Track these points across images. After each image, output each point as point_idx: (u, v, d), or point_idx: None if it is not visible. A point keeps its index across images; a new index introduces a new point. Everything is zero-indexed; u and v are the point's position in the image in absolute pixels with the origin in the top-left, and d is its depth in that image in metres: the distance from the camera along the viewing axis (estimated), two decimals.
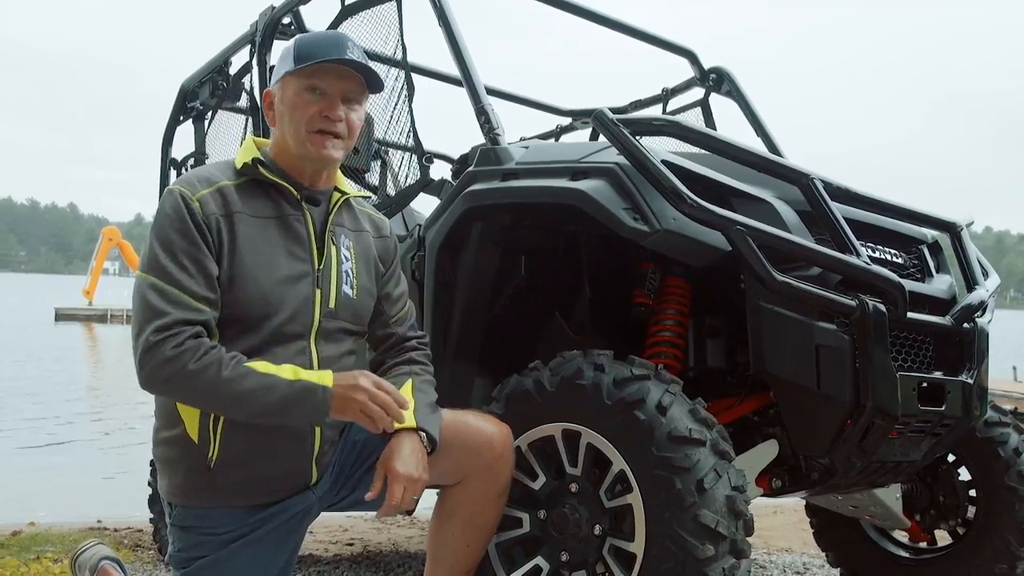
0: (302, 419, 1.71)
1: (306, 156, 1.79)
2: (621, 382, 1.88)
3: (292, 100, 1.77)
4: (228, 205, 1.73)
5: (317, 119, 1.76)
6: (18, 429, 8.19)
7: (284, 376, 1.65)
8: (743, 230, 1.91)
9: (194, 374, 1.60)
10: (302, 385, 1.66)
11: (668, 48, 3.69)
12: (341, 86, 1.78)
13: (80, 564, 2.31)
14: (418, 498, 1.80)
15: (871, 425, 2.01)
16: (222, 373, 1.61)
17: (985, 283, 2.43)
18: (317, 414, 1.68)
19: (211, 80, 3.84)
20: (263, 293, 1.72)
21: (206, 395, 1.63)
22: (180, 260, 1.66)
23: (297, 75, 1.76)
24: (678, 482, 1.76)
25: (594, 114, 2.03)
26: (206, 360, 1.61)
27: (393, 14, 2.85)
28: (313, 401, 1.66)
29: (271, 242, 1.76)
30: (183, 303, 1.64)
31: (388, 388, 1.70)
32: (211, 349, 1.63)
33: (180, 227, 1.68)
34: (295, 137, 1.78)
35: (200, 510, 1.78)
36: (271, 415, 1.66)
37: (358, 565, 3.47)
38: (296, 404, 1.65)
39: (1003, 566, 2.57)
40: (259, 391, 1.62)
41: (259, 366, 1.65)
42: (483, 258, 2.35)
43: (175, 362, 1.60)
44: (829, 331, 1.98)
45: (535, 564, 2.00)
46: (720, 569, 1.74)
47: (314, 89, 1.76)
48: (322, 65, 1.74)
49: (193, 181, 1.75)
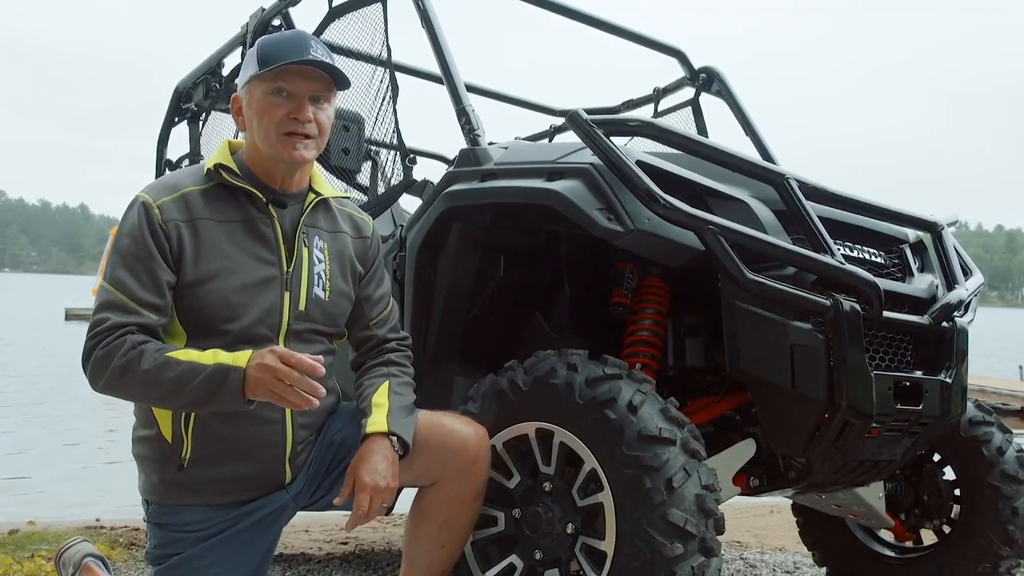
0: (226, 404, 1.64)
1: (278, 158, 1.80)
2: (593, 381, 1.89)
3: (260, 104, 1.78)
4: (191, 211, 1.75)
5: (286, 121, 1.77)
6: (21, 428, 8.25)
7: (204, 361, 1.63)
8: (715, 229, 1.91)
9: (121, 370, 1.62)
10: (216, 368, 1.61)
11: (658, 48, 3.70)
12: (308, 86, 1.78)
13: (64, 561, 2.34)
14: (392, 504, 1.81)
15: (846, 424, 2.01)
16: (142, 366, 1.61)
17: (966, 283, 2.43)
18: (234, 397, 1.61)
19: (205, 81, 3.88)
20: (226, 297, 1.73)
21: (138, 389, 1.65)
22: (130, 265, 1.69)
23: (262, 78, 1.77)
24: (647, 481, 1.77)
25: (569, 115, 2.04)
26: (130, 355, 1.62)
27: (379, 15, 2.87)
28: (227, 384, 1.60)
29: (237, 246, 1.78)
30: (124, 307, 1.67)
31: (295, 361, 1.57)
32: (138, 344, 1.64)
33: (135, 234, 1.71)
34: (265, 140, 1.79)
35: (175, 508, 1.81)
36: (200, 402, 1.64)
37: (348, 564, 3.49)
38: (215, 388, 1.61)
39: (986, 565, 2.56)
40: (181, 379, 1.61)
41: (181, 354, 1.64)
42: (463, 258, 2.36)
43: (104, 362, 1.63)
44: (804, 330, 1.98)
45: (510, 562, 2.01)
46: (689, 567, 1.74)
47: (281, 91, 1.77)
48: (287, 66, 1.75)
49: (158, 187, 1.78)
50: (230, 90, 3.76)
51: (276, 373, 1.56)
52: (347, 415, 1.95)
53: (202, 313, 1.72)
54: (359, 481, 1.71)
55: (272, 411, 1.79)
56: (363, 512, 1.71)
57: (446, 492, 1.88)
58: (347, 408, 1.98)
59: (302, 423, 1.85)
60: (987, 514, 2.59)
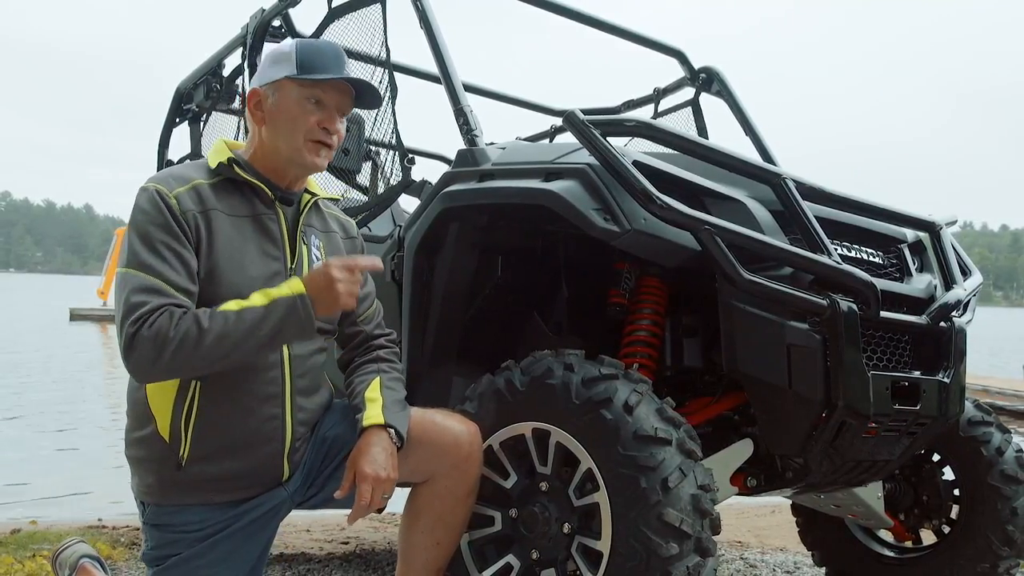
0: (294, 335, 1.72)
1: (296, 162, 1.84)
2: (589, 381, 1.89)
3: (293, 108, 1.82)
4: (204, 202, 1.77)
5: (317, 130, 1.82)
6: (26, 428, 8.26)
7: (258, 303, 1.67)
8: (711, 230, 1.92)
9: (179, 341, 1.61)
10: (277, 302, 1.67)
11: (657, 48, 3.70)
12: (340, 101, 1.85)
13: (61, 562, 2.34)
14: (388, 496, 1.81)
15: (843, 424, 2.01)
16: (203, 326, 1.63)
17: (965, 283, 2.43)
18: (304, 324, 1.68)
19: (205, 82, 3.89)
20: (237, 289, 1.74)
21: (198, 354, 1.63)
22: (160, 252, 1.69)
23: (301, 84, 1.81)
24: (643, 481, 1.77)
25: (565, 115, 2.04)
26: (183, 324, 1.62)
27: (378, 16, 2.88)
28: (295, 314, 1.67)
29: (246, 240, 1.80)
30: (162, 291, 1.66)
31: (356, 264, 1.71)
32: (184, 314, 1.64)
33: (160, 221, 1.70)
34: (290, 143, 1.82)
35: (172, 508, 1.81)
36: (266, 342, 1.68)
37: (348, 564, 3.49)
38: (282, 322, 1.66)
39: (985, 565, 2.56)
40: (242, 325, 1.64)
41: (231, 305, 1.67)
42: (461, 258, 2.37)
43: (157, 339, 1.61)
44: (800, 330, 1.98)
45: (506, 562, 2.01)
46: (684, 567, 1.74)
47: (317, 100, 1.82)
48: (329, 80, 1.81)
49: (168, 179, 1.78)
50: (231, 91, 3.78)
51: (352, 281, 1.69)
52: (338, 412, 1.96)
53: (213, 303, 1.72)
54: (360, 472, 1.73)
55: (273, 406, 1.81)
56: (366, 503, 1.72)
57: (440, 489, 1.88)
58: (339, 405, 1.99)
59: (301, 419, 1.86)
60: (986, 514, 2.59)
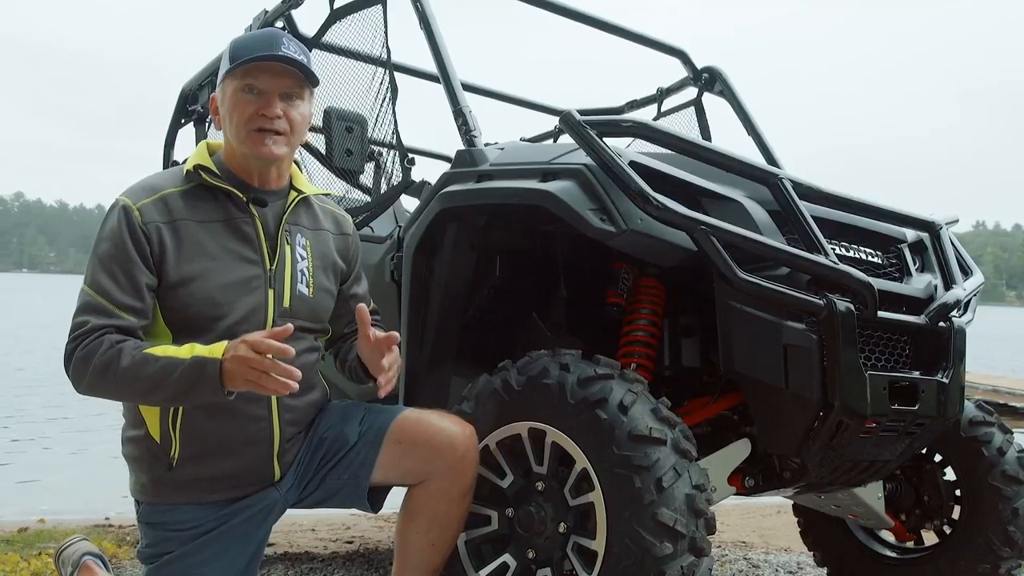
0: (206, 396, 1.64)
1: (249, 155, 1.83)
2: (584, 381, 1.90)
3: (231, 101, 1.80)
4: (171, 212, 1.77)
5: (255, 118, 1.79)
6: (33, 428, 8.31)
7: (182, 356, 1.64)
8: (707, 230, 1.91)
9: (101, 369, 1.64)
10: (193, 361, 1.62)
11: (659, 48, 3.69)
12: (277, 83, 1.80)
13: (63, 559, 2.36)
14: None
15: (840, 424, 2.01)
16: (121, 363, 1.63)
17: (965, 282, 2.42)
18: (213, 389, 1.62)
19: (210, 83, 3.90)
20: (211, 295, 1.75)
21: (118, 386, 1.66)
22: (109, 269, 1.71)
23: (233, 75, 1.79)
24: (637, 480, 1.77)
25: (562, 116, 2.04)
26: (109, 354, 1.64)
27: (379, 17, 2.89)
28: (205, 377, 1.61)
29: (219, 245, 1.80)
30: (103, 310, 1.69)
31: (265, 347, 1.56)
32: (116, 343, 1.65)
33: (115, 238, 1.73)
34: (236, 137, 1.82)
35: (165, 506, 1.83)
36: (180, 396, 1.65)
37: (351, 563, 3.51)
38: (194, 381, 1.62)
39: (986, 566, 2.55)
40: (159, 374, 1.63)
41: (158, 350, 1.66)
42: (459, 258, 2.37)
43: (84, 362, 1.65)
44: (797, 330, 1.98)
45: (503, 561, 2.02)
46: (678, 567, 1.74)
47: (251, 88, 1.79)
48: (257, 63, 1.77)
49: (137, 190, 1.79)
50: None
51: (249, 362, 1.56)
52: (337, 412, 1.96)
53: (187, 313, 1.74)
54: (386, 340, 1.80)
55: (259, 408, 1.81)
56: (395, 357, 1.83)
57: (435, 490, 1.89)
58: (337, 406, 2.00)
59: (289, 419, 1.86)
60: (987, 515, 2.57)
